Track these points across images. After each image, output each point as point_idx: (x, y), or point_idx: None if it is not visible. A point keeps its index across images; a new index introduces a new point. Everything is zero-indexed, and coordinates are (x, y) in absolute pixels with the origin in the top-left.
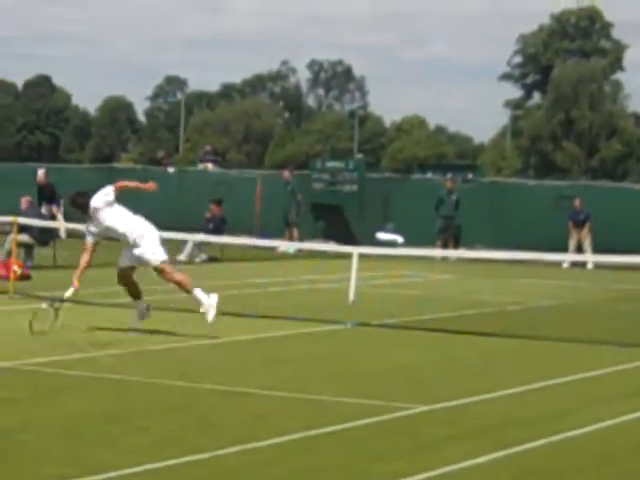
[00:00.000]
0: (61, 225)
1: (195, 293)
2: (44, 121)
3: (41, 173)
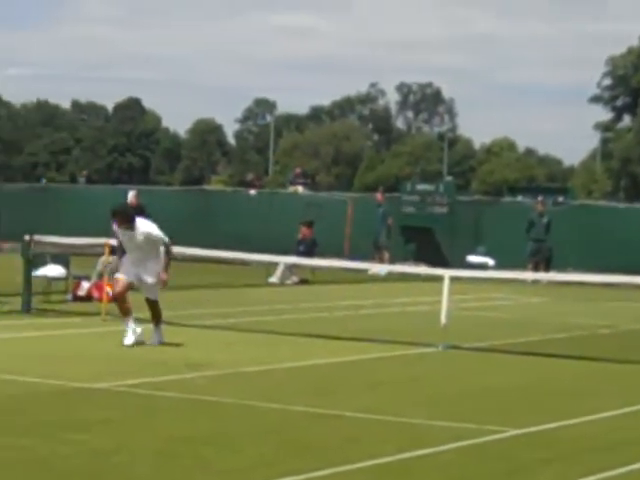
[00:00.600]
0: None
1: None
2: (134, 143)
3: (132, 195)
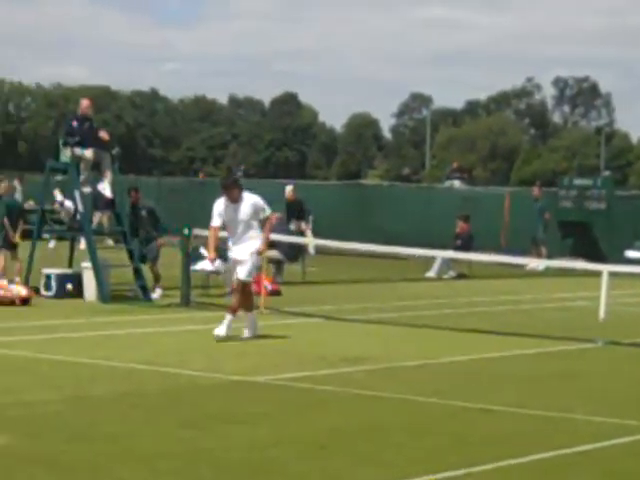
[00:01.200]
0: (310, 241)
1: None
2: (291, 138)
3: (289, 190)
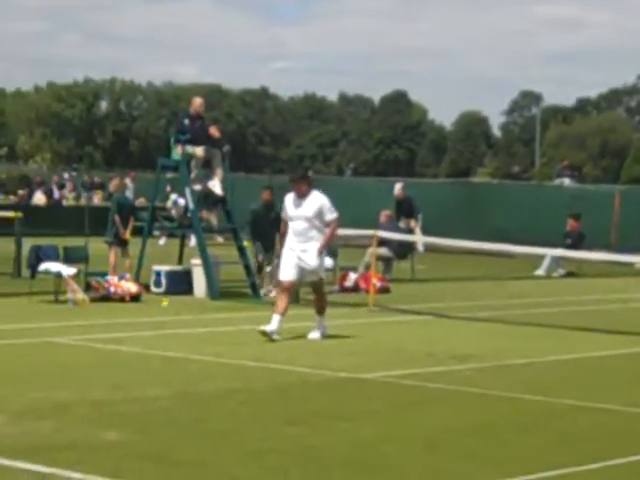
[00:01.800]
0: (419, 239)
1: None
2: (400, 136)
3: (399, 187)
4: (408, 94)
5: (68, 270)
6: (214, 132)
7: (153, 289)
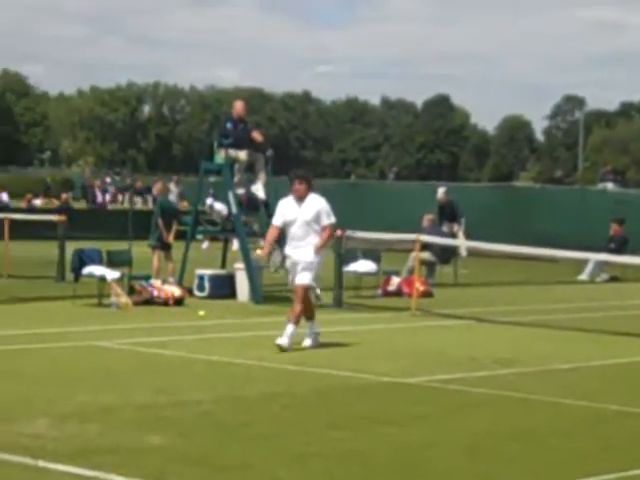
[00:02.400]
0: (462, 243)
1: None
2: (443, 140)
3: (441, 192)
4: (451, 98)
5: (112, 274)
6: (256, 136)
7: (196, 293)
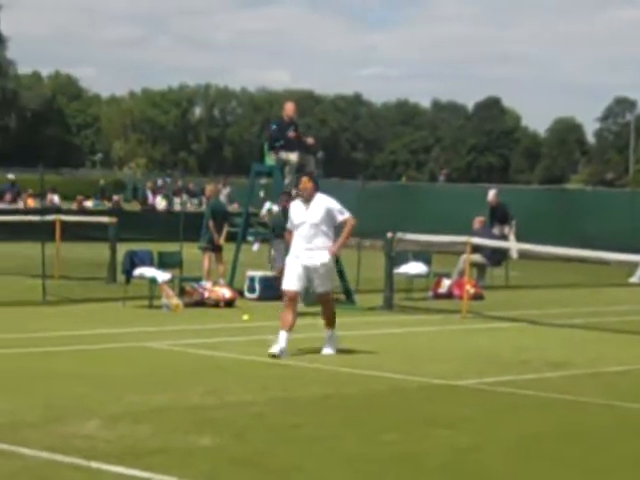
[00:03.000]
0: (513, 246)
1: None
2: (494, 142)
3: (492, 194)
4: (502, 100)
5: (163, 275)
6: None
7: (247, 295)
